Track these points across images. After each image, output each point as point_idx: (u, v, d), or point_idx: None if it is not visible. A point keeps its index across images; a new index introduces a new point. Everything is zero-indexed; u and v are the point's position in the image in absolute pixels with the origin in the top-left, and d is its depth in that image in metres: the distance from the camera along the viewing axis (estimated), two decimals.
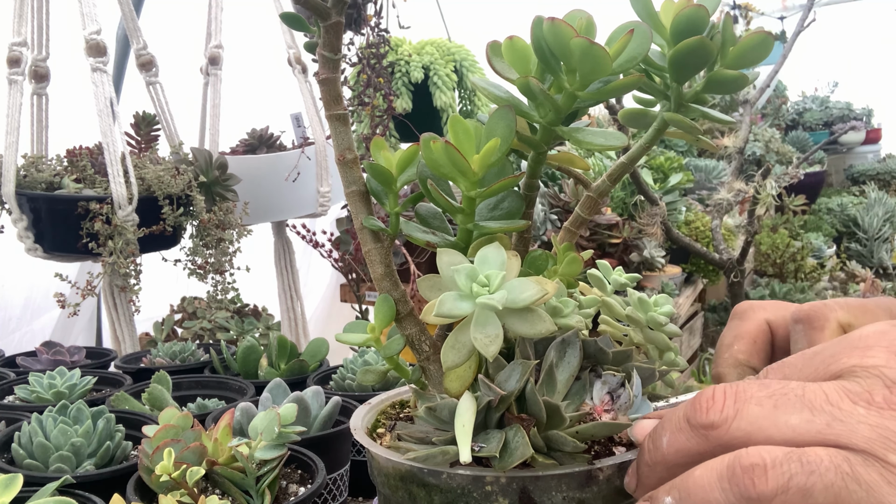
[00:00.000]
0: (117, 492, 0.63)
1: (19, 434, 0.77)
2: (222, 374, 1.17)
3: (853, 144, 5.17)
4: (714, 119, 0.51)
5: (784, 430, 0.35)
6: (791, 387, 0.36)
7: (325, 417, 0.87)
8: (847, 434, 0.34)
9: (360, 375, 0.56)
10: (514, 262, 0.47)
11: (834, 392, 0.35)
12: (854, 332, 0.38)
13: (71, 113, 1.71)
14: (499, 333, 0.44)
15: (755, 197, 2.33)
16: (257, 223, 1.83)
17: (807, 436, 0.35)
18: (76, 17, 1.44)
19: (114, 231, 1.39)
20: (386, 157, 0.50)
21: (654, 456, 0.40)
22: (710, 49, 0.45)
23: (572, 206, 2.08)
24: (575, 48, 0.44)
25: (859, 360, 0.36)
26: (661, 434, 0.40)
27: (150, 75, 1.64)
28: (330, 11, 0.50)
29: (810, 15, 2.30)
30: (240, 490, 0.68)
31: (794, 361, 0.40)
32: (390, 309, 0.51)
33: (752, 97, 2.49)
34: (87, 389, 1.03)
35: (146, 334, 1.73)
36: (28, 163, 1.46)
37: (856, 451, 0.34)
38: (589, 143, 0.49)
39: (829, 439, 0.34)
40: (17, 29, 1.47)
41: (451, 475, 0.45)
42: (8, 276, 2.05)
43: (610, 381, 0.47)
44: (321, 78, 0.52)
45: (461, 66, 2.23)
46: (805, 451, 0.34)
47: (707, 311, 3.05)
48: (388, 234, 0.52)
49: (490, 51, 0.51)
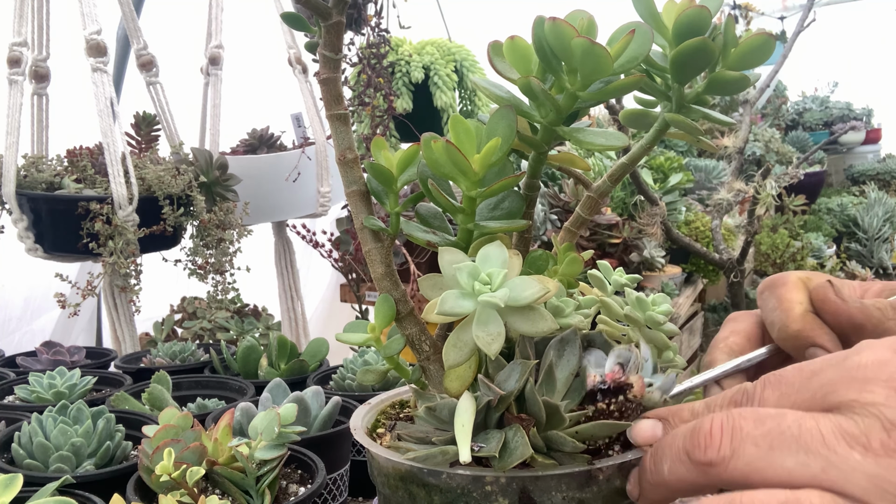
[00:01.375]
0: (117, 492, 0.63)
1: (19, 434, 0.77)
2: (222, 374, 1.17)
3: (853, 144, 5.17)
4: (715, 120, 0.51)
5: (780, 472, 0.36)
6: (787, 423, 0.37)
7: (325, 417, 0.87)
8: (842, 481, 0.34)
9: (360, 375, 0.56)
10: (516, 261, 0.47)
11: (830, 433, 0.35)
12: (852, 358, 0.38)
13: (71, 113, 1.71)
14: (501, 332, 0.44)
15: (755, 197, 2.33)
16: (257, 223, 1.83)
17: (802, 479, 0.35)
18: (76, 17, 1.44)
19: (114, 231, 1.39)
20: (386, 156, 0.50)
21: (655, 478, 0.42)
22: (712, 50, 0.45)
23: (572, 206, 2.08)
24: (576, 48, 0.44)
25: (857, 395, 0.36)
26: (661, 459, 0.41)
27: (151, 75, 1.64)
28: (331, 11, 0.50)
29: (810, 15, 2.30)
30: (240, 490, 0.68)
31: (791, 379, 0.40)
32: (390, 309, 0.51)
33: (752, 97, 2.49)
34: (87, 389, 1.03)
35: (146, 334, 1.73)
36: (28, 163, 1.46)
37: (850, 499, 0.34)
38: (590, 144, 0.49)
39: (825, 484, 0.35)
40: (18, 29, 1.47)
41: (451, 475, 0.45)
42: (8, 277, 2.05)
43: (622, 353, 0.47)
44: (322, 77, 0.52)
45: (461, 66, 2.23)
46: (799, 497, 0.35)
47: (707, 311, 3.05)
48: (389, 233, 0.52)
49: (491, 51, 0.51)
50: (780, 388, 0.40)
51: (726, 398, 0.42)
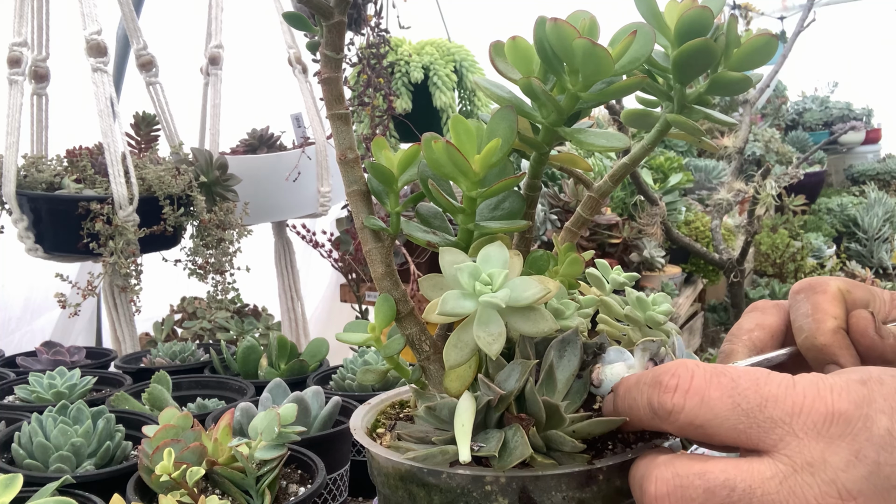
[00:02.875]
0: (117, 492, 0.63)
1: (19, 434, 0.77)
2: (222, 374, 1.17)
3: (853, 144, 5.17)
4: (716, 121, 0.51)
5: None
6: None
7: (325, 417, 0.87)
8: None
9: (360, 375, 0.56)
10: (517, 261, 0.47)
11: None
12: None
13: (71, 113, 1.71)
14: (502, 332, 0.44)
15: (755, 197, 2.33)
16: (257, 223, 1.83)
17: None
18: (76, 17, 1.44)
19: (114, 231, 1.39)
20: (387, 156, 0.50)
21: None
22: (714, 51, 0.45)
23: (572, 206, 2.08)
24: (577, 49, 0.44)
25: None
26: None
27: (151, 75, 1.64)
28: (333, 11, 0.50)
29: (810, 15, 2.30)
30: (240, 490, 0.68)
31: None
32: (391, 308, 0.51)
33: (752, 97, 2.49)
34: (87, 389, 1.03)
35: (146, 334, 1.73)
36: (28, 163, 1.46)
37: None
38: (591, 145, 0.49)
39: None
40: (18, 29, 1.47)
41: (451, 475, 0.45)
42: (8, 277, 2.05)
43: (650, 346, 0.47)
44: (323, 77, 0.52)
45: (461, 67, 2.23)
46: None
47: (707, 311, 3.05)
48: (389, 233, 0.52)
49: (493, 51, 0.51)
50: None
51: None
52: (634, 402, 0.43)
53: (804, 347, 0.50)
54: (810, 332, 0.49)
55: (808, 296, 0.51)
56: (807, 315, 0.50)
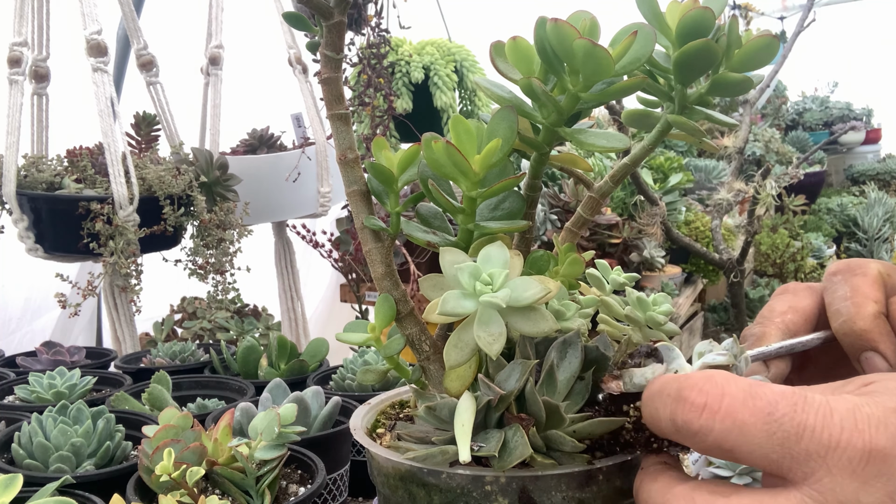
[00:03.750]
0: (117, 492, 0.63)
1: (19, 434, 0.77)
2: (222, 374, 1.17)
3: (853, 144, 5.17)
4: (717, 121, 0.51)
5: None
6: None
7: (325, 417, 0.87)
8: None
9: (360, 375, 0.56)
10: (517, 261, 0.47)
11: None
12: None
13: (71, 113, 1.71)
14: (502, 332, 0.44)
15: (755, 197, 2.33)
16: (258, 223, 1.83)
17: None
18: (76, 17, 1.44)
19: (115, 231, 1.39)
20: (387, 156, 0.50)
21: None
22: (715, 52, 0.45)
23: (572, 206, 2.08)
24: (578, 50, 0.44)
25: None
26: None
27: (151, 75, 1.64)
28: (333, 11, 0.50)
29: (810, 15, 2.30)
30: (240, 490, 0.68)
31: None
32: (391, 308, 0.51)
33: (752, 97, 2.49)
34: (87, 389, 1.03)
35: (146, 334, 1.73)
36: (28, 163, 1.46)
37: None
38: (591, 145, 0.49)
39: None
40: (18, 29, 1.47)
41: (451, 475, 0.45)
42: (8, 277, 2.05)
43: (665, 352, 0.45)
44: (323, 77, 0.52)
45: (461, 67, 2.23)
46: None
47: (707, 311, 3.05)
48: (389, 233, 0.52)
49: (493, 51, 0.51)
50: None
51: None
52: (656, 412, 0.40)
53: (841, 332, 0.47)
54: (849, 317, 0.47)
55: (846, 278, 0.48)
56: (845, 298, 0.47)
